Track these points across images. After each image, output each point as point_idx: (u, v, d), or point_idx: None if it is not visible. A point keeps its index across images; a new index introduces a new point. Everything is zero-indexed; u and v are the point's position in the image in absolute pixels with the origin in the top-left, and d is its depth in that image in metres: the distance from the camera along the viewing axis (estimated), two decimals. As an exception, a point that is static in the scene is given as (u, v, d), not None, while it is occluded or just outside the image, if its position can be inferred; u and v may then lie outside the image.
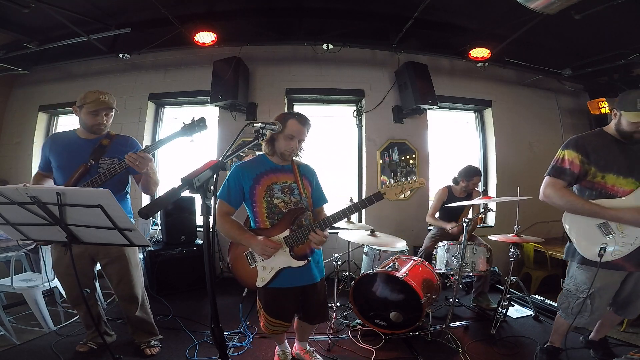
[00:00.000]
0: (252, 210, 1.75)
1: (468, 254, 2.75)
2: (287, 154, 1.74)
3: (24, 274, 2.93)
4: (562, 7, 2.45)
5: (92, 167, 1.96)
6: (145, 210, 1.01)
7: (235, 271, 1.79)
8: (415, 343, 2.44)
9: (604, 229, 1.71)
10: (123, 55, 3.89)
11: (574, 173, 1.75)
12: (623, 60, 3.56)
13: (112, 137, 2.11)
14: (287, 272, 1.71)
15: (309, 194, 1.83)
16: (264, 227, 1.72)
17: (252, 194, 1.72)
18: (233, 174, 1.73)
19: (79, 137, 2.07)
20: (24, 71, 4.14)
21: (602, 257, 1.67)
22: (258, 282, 1.73)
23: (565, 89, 4.64)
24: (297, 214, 1.71)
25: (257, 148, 4.04)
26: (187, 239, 3.61)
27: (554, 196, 1.77)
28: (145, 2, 3.13)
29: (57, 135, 2.17)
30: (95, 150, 2.01)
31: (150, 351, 2.24)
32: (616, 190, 1.70)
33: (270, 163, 1.79)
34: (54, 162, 2.02)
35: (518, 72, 4.40)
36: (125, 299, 2.16)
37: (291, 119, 1.71)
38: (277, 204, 1.72)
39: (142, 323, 2.25)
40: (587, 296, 1.78)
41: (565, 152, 1.78)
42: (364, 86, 4.19)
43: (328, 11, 3.73)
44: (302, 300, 1.83)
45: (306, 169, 1.88)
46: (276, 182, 1.74)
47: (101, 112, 1.99)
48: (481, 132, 4.62)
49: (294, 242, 1.67)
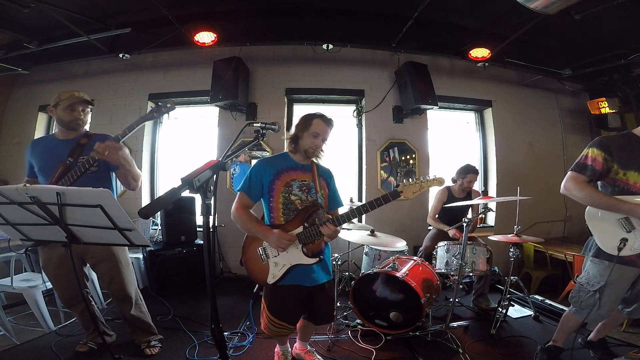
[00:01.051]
0: (269, 205, 1.78)
1: (468, 254, 2.75)
2: (311, 152, 1.79)
3: (24, 274, 2.93)
4: (562, 7, 2.46)
5: (71, 166, 1.93)
6: (145, 210, 1.01)
7: (248, 267, 1.81)
8: (415, 343, 2.44)
9: (626, 224, 1.74)
10: (123, 55, 3.90)
11: (596, 169, 1.79)
12: (623, 60, 3.56)
13: (91, 135, 2.08)
14: (297, 270, 1.72)
15: (325, 194, 1.88)
16: (279, 223, 1.75)
17: (271, 188, 1.75)
18: (255, 168, 1.78)
19: (57, 139, 2.06)
20: (24, 71, 4.15)
21: (621, 250, 1.70)
22: (269, 278, 1.74)
23: (565, 89, 4.64)
24: (311, 211, 1.73)
25: (257, 148, 4.09)
26: (187, 239, 3.61)
27: (574, 188, 1.81)
28: (145, 2, 3.14)
29: (36, 140, 2.17)
30: (74, 148, 1.98)
31: (150, 351, 2.24)
32: (638, 187, 1.73)
33: (291, 161, 1.84)
34: (35, 165, 2.02)
35: (518, 72, 4.41)
36: (119, 298, 2.15)
37: (316, 118, 1.78)
38: (294, 200, 1.75)
39: (139, 322, 2.24)
40: (597, 290, 1.81)
41: (590, 150, 1.82)
42: (364, 86, 4.20)
43: (328, 11, 3.73)
44: (309, 302, 1.84)
45: (324, 171, 1.92)
46: (295, 180, 1.78)
47: (77, 107, 2.00)
48: (481, 132, 4.62)
49: (307, 238, 1.69)
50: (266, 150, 4.08)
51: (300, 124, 1.81)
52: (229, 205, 1.81)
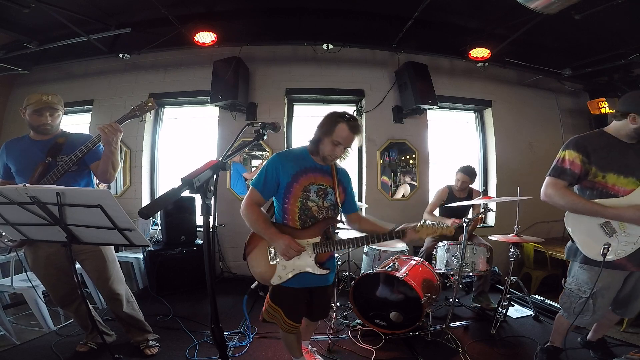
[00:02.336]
0: (283, 206, 1.68)
1: (468, 254, 2.75)
2: (329, 159, 1.66)
3: (24, 274, 2.93)
4: (562, 7, 2.45)
5: (50, 165, 1.94)
6: (145, 210, 1.01)
7: (252, 263, 1.73)
8: (415, 343, 2.44)
9: (607, 228, 1.71)
10: (123, 55, 3.90)
11: (575, 173, 1.75)
12: (623, 60, 3.56)
13: (68, 135, 2.09)
14: (303, 274, 1.68)
15: (342, 200, 1.77)
16: (294, 227, 1.68)
17: (287, 191, 1.65)
18: (272, 163, 1.65)
19: (32, 140, 2.05)
20: (24, 71, 4.15)
21: (605, 256, 1.67)
22: (274, 279, 1.68)
23: (565, 89, 4.64)
24: (330, 224, 1.69)
25: (257, 148, 4.10)
26: (187, 239, 3.61)
27: (555, 196, 1.77)
28: (145, 2, 3.14)
29: (10, 141, 2.13)
30: (52, 148, 1.98)
31: (150, 351, 2.24)
32: (617, 189, 1.70)
33: (311, 160, 1.71)
34: (12, 167, 2.01)
35: (518, 72, 4.40)
36: (108, 296, 2.14)
37: (342, 122, 1.60)
38: (311, 207, 1.67)
39: (132, 320, 2.23)
40: (590, 296, 1.78)
41: (566, 153, 1.78)
42: (364, 86, 4.19)
43: (328, 11, 3.73)
44: (309, 299, 1.80)
45: (343, 174, 1.82)
46: (314, 183, 1.67)
47: (44, 112, 1.97)
48: (481, 132, 4.62)
49: (322, 249, 1.65)
50: (266, 150, 4.08)
51: (324, 126, 1.64)
52: (229, 205, 1.82)
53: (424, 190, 4.16)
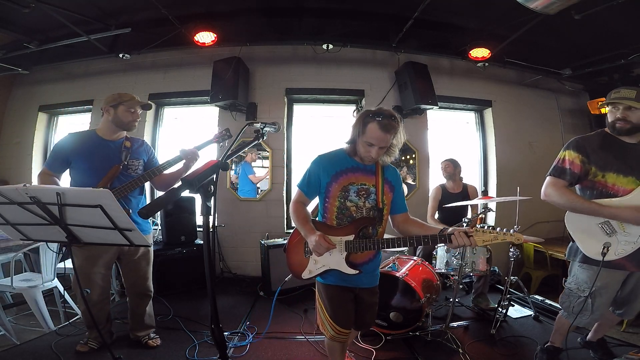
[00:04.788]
0: (324, 204, 1.70)
1: (468, 254, 2.75)
2: (367, 161, 1.63)
3: (24, 274, 2.94)
4: (562, 7, 2.45)
5: (123, 168, 2.07)
6: (145, 210, 1.01)
7: (289, 256, 1.77)
8: (415, 343, 2.44)
9: (606, 228, 1.71)
10: (123, 55, 3.90)
11: (575, 173, 1.77)
12: (623, 60, 3.56)
13: (129, 138, 2.20)
14: (336, 272, 1.64)
15: (389, 200, 1.71)
16: (331, 225, 1.67)
17: (327, 190, 1.66)
18: (314, 165, 1.68)
19: (103, 139, 2.12)
20: (24, 71, 4.15)
21: (605, 255, 1.67)
22: (305, 273, 1.69)
23: (565, 89, 4.64)
24: (367, 223, 1.63)
25: (257, 148, 4.09)
26: (187, 239, 3.60)
27: (555, 195, 1.79)
28: (145, 2, 3.14)
29: (77, 136, 2.15)
30: (125, 150, 2.12)
31: (154, 342, 2.32)
32: (617, 189, 1.71)
33: (351, 160, 1.67)
34: (81, 163, 2.04)
35: (518, 72, 4.40)
36: (142, 292, 2.26)
37: (371, 122, 1.53)
38: (349, 207, 1.64)
39: (149, 318, 2.35)
40: (589, 295, 1.79)
41: (566, 153, 1.80)
42: (364, 86, 4.19)
43: (328, 11, 3.73)
44: (355, 305, 1.74)
45: (391, 172, 1.74)
46: (354, 183, 1.64)
47: (137, 109, 2.18)
48: (481, 132, 4.62)
49: (354, 248, 1.61)
50: (266, 150, 4.08)
51: (356, 127, 1.60)
52: (229, 205, 1.82)
53: (424, 191, 4.16)
